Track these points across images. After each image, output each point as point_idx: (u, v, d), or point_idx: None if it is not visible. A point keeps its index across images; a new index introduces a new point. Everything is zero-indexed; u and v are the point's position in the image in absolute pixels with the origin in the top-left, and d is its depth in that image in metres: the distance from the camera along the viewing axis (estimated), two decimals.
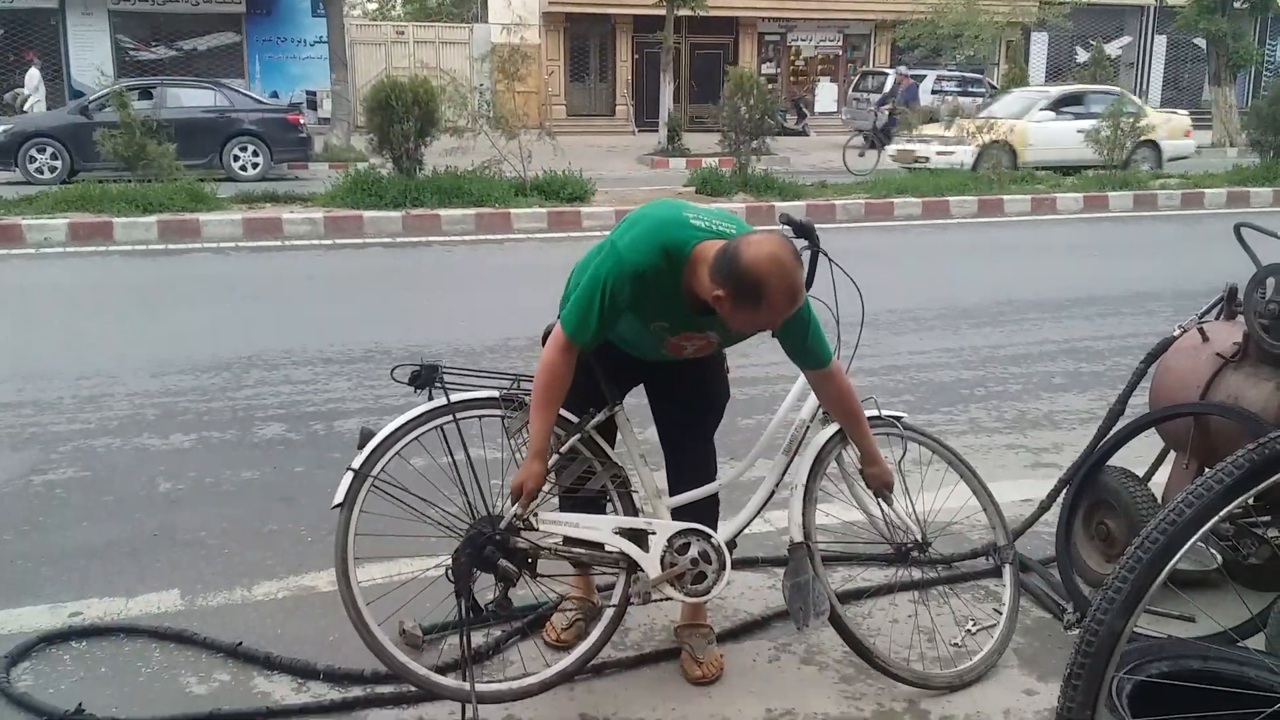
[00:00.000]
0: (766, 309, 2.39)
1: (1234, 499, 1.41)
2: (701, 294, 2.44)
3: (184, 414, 5.10)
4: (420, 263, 9.77)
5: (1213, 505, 1.42)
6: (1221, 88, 23.01)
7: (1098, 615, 1.48)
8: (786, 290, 2.37)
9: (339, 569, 2.65)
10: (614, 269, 2.47)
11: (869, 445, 2.85)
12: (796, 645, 3.01)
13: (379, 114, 11.67)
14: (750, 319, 2.45)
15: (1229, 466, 1.44)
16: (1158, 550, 1.43)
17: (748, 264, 2.33)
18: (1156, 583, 1.43)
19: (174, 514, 3.96)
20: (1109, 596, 1.46)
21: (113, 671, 2.87)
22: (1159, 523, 1.43)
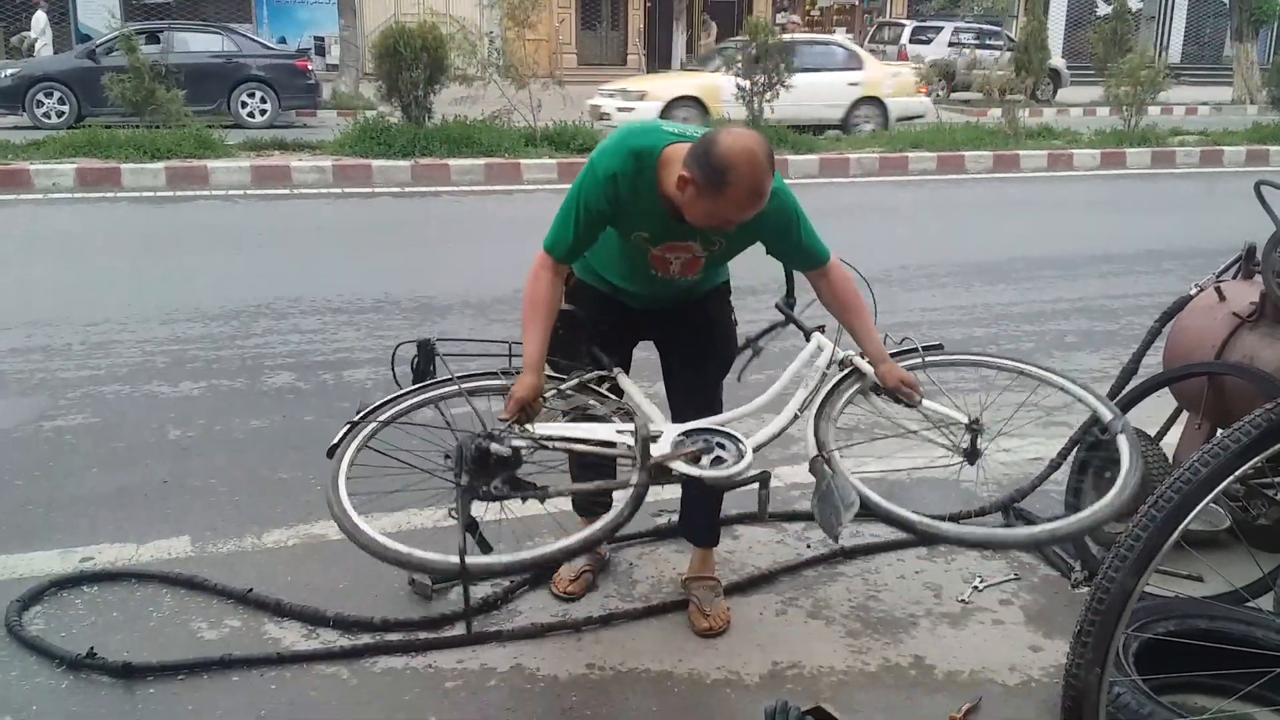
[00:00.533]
0: (728, 201, 2.34)
1: (1249, 459, 1.40)
2: (671, 191, 2.43)
3: (193, 362, 5.10)
4: (429, 213, 9.72)
5: (1228, 465, 1.41)
6: (1243, 44, 22.63)
7: (1109, 573, 1.47)
8: (751, 184, 2.33)
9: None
10: (586, 177, 2.52)
11: (876, 345, 2.77)
12: (803, 599, 3.02)
13: (387, 61, 11.55)
14: (709, 209, 2.38)
15: (1245, 426, 1.43)
16: (1171, 509, 1.42)
17: (722, 149, 2.33)
18: (1169, 542, 1.43)
19: (184, 461, 3.97)
20: (1121, 554, 1.46)
21: (124, 616, 2.90)
22: (1173, 482, 1.42)
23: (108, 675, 2.61)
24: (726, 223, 2.43)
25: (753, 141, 2.36)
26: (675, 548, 3.29)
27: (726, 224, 2.44)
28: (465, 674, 2.66)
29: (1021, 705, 2.57)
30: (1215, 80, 26.54)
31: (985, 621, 2.94)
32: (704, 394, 2.91)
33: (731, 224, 2.44)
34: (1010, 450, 3.04)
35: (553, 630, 2.83)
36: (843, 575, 3.12)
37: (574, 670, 2.68)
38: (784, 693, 2.55)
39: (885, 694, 2.61)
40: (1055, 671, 2.66)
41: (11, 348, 5.22)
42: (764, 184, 2.36)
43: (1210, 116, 19.76)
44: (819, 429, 2.71)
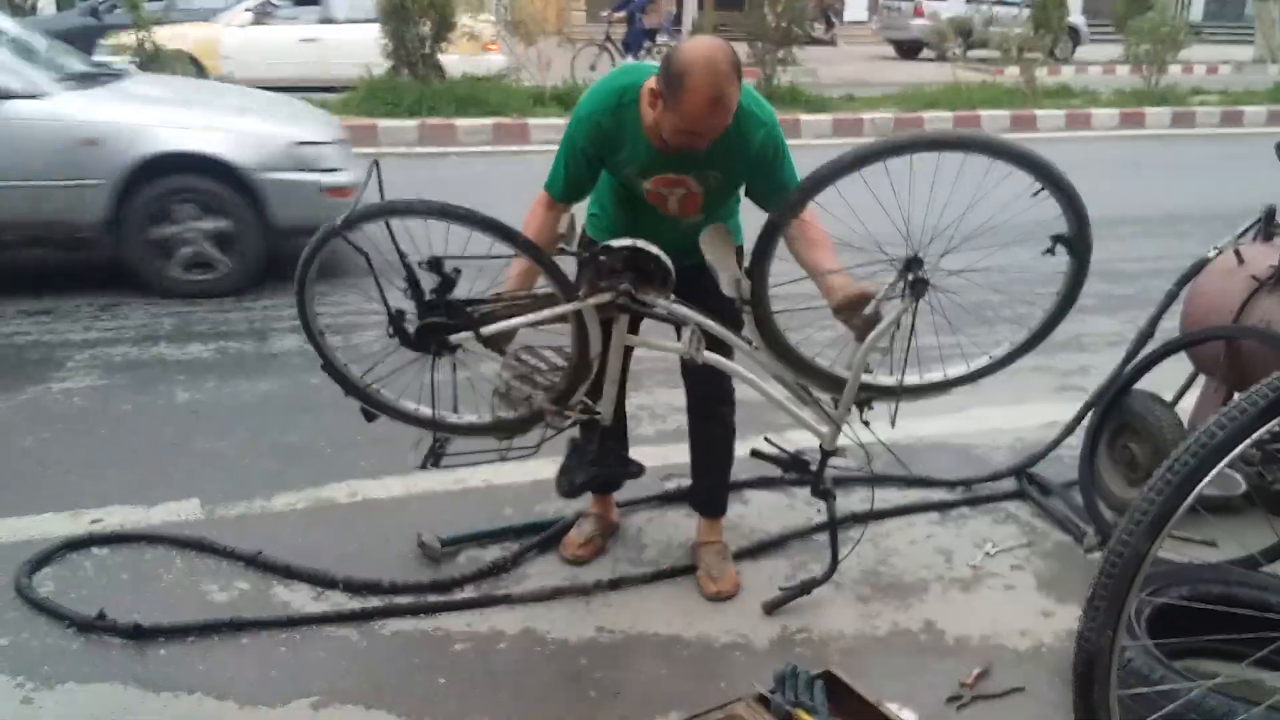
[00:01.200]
0: (688, 107, 2.29)
1: (1268, 422, 1.38)
2: (649, 117, 2.43)
3: (200, 324, 5.09)
4: (436, 174, 9.64)
5: (1244, 429, 1.39)
6: (1264, 2, 22.22)
7: (1122, 537, 1.45)
8: (709, 88, 2.27)
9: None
10: (574, 119, 2.58)
11: (842, 273, 2.62)
12: (813, 565, 3.00)
13: (393, 18, 11.42)
14: (674, 121, 2.34)
15: (1263, 389, 1.40)
16: (1186, 473, 1.40)
17: (680, 54, 2.32)
18: (1183, 506, 1.40)
19: (193, 424, 3.97)
20: (1135, 519, 1.43)
21: (134, 578, 2.91)
22: (1189, 445, 1.40)
23: (118, 637, 2.62)
24: (695, 136, 2.37)
25: (712, 47, 2.33)
26: (685, 512, 3.28)
27: (695, 138, 2.37)
28: (474, 637, 2.66)
29: (1032, 670, 2.56)
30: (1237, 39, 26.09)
31: (996, 587, 2.93)
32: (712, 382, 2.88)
33: (700, 137, 2.37)
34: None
35: (562, 594, 2.83)
36: (853, 540, 3.11)
37: (583, 634, 2.68)
38: (793, 657, 2.54)
39: (895, 659, 2.61)
40: (1066, 636, 2.65)
41: (19, 309, 5.22)
42: (723, 88, 2.29)
43: (1231, 75, 19.44)
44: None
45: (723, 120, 2.35)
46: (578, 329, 2.61)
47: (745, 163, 2.55)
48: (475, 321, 2.60)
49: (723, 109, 2.32)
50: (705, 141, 2.40)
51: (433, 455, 2.79)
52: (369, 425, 3.65)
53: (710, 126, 2.35)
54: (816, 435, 2.72)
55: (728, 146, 2.48)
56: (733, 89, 2.32)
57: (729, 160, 2.53)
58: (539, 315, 2.61)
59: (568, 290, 2.56)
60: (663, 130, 2.40)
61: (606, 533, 3.11)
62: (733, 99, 2.33)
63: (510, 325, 2.63)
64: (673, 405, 4.13)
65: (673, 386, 4.19)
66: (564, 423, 2.73)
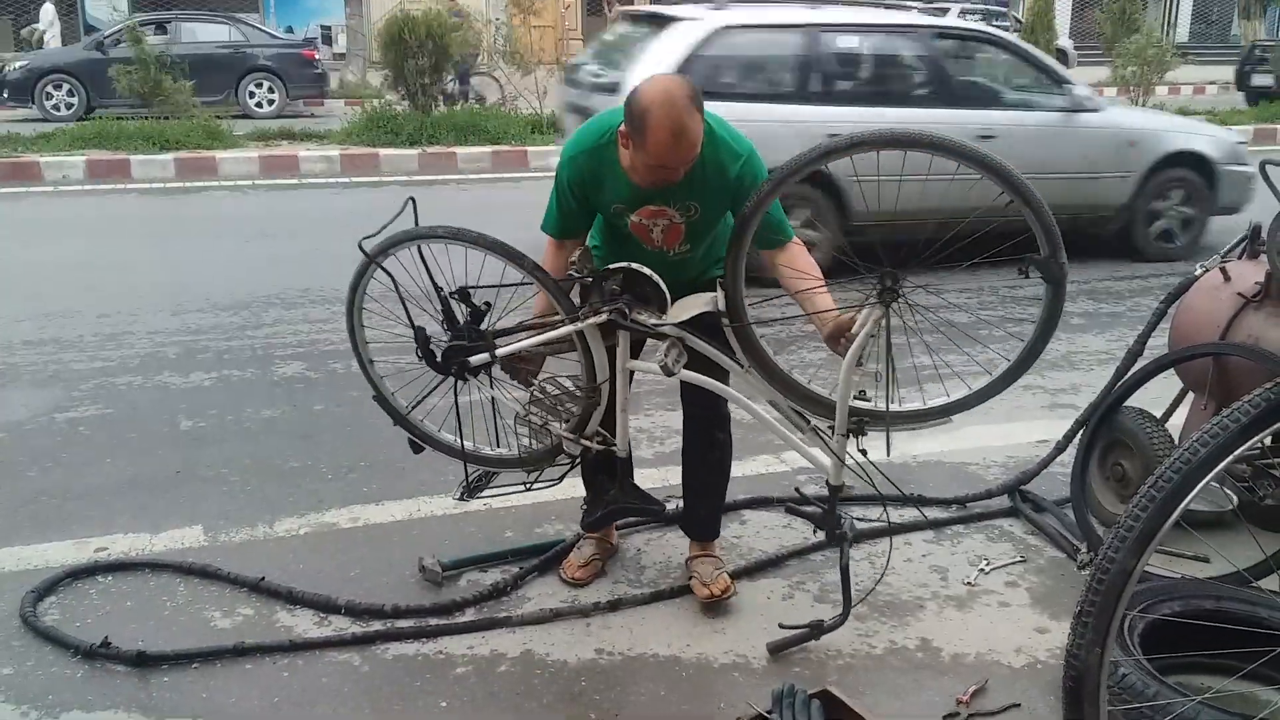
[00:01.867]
0: (652, 144, 2.37)
1: (1250, 438, 1.40)
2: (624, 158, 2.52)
3: (204, 352, 5.13)
4: (437, 201, 9.71)
5: (1228, 444, 1.41)
6: (1251, 21, 22.43)
7: (1109, 553, 1.48)
8: (669, 123, 2.34)
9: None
10: (560, 160, 2.70)
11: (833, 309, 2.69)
12: (810, 584, 3.04)
13: (393, 49, 11.55)
14: (643, 158, 2.43)
15: (1245, 405, 1.43)
16: (1171, 489, 1.42)
17: (639, 93, 2.40)
18: (1169, 522, 1.43)
19: (196, 451, 4.00)
20: (1120, 535, 1.46)
21: (138, 606, 2.93)
22: (1173, 461, 1.42)
23: (122, 664, 2.64)
24: (666, 170, 2.43)
25: (668, 84, 2.41)
26: (683, 533, 3.31)
27: (668, 172, 2.44)
28: (475, 660, 2.69)
29: (1028, 687, 2.58)
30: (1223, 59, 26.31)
31: (991, 604, 2.95)
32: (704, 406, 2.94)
33: (672, 171, 2.44)
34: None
35: (562, 616, 2.86)
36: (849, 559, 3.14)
37: (583, 655, 2.70)
38: (791, 676, 2.57)
39: (892, 676, 2.63)
40: (1061, 653, 2.66)
41: (24, 340, 5.27)
42: (683, 121, 2.35)
43: (1218, 96, 19.61)
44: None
45: (688, 153, 2.41)
46: (584, 352, 2.74)
47: (725, 193, 2.60)
48: (491, 343, 2.77)
49: (686, 142, 2.38)
50: (678, 175, 2.47)
51: (467, 489, 2.96)
52: (369, 450, 3.71)
53: (677, 159, 2.42)
54: (820, 470, 2.78)
55: (704, 177, 2.55)
56: (693, 121, 2.38)
57: (706, 191, 2.59)
58: (544, 336, 2.75)
59: (571, 312, 2.70)
60: (636, 170, 2.50)
61: (606, 555, 3.15)
62: (695, 131, 2.39)
63: (519, 346, 2.78)
64: (671, 428, 4.17)
65: (671, 409, 4.25)
66: (582, 451, 2.85)
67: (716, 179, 2.57)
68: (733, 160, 2.57)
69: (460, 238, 2.80)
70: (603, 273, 2.69)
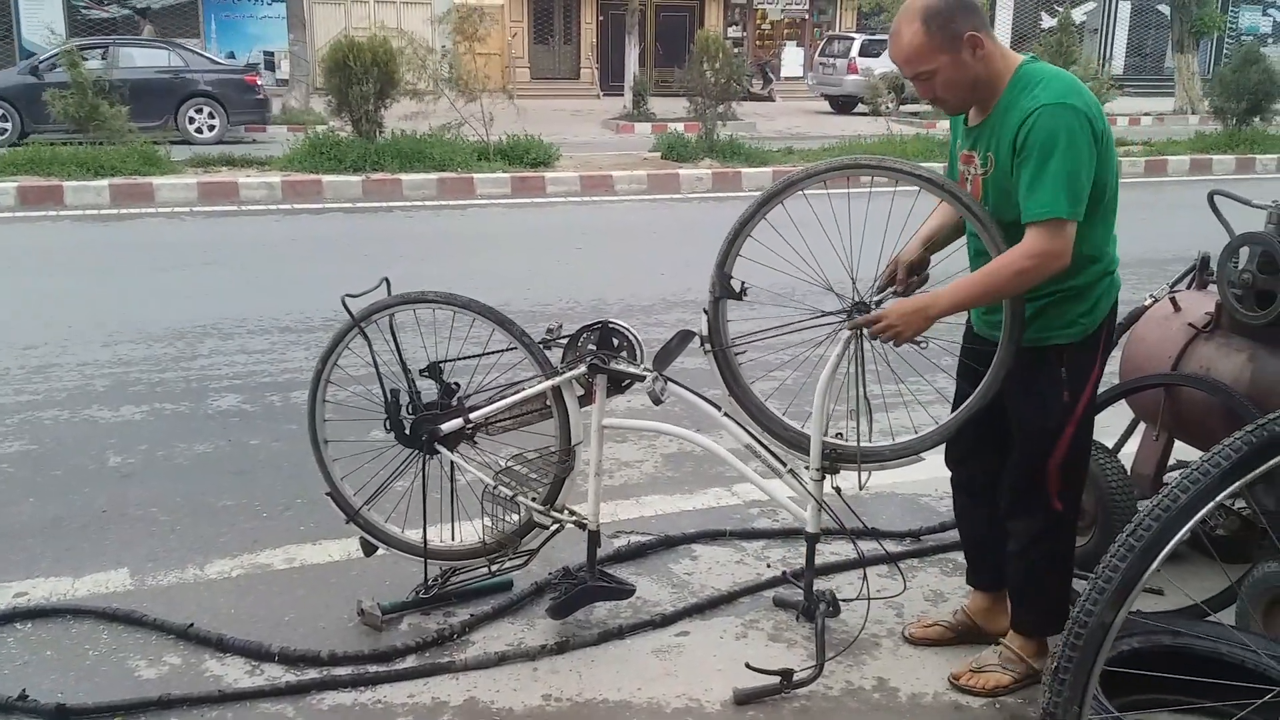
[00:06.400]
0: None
1: (1230, 484, 1.33)
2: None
3: (135, 385, 4.95)
4: (381, 228, 9.58)
5: (1208, 491, 1.34)
6: (1184, 55, 23.06)
7: (1087, 607, 1.40)
8: (895, 22, 2.36)
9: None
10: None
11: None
12: (764, 622, 2.96)
13: (337, 75, 11.40)
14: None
15: (1225, 450, 1.36)
16: (1151, 538, 1.35)
17: None
18: (1148, 572, 1.36)
19: (124, 489, 3.83)
20: (1099, 587, 1.39)
21: (59, 655, 2.77)
22: (1152, 509, 1.36)
23: (41, 718, 2.49)
24: (908, 76, 2.39)
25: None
26: (632, 570, 3.22)
27: (914, 81, 2.39)
28: (416, 709, 2.56)
29: None
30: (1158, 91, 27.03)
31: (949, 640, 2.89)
32: (1008, 476, 2.62)
33: (915, 81, 2.38)
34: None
35: (507, 660, 2.75)
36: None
37: (529, 702, 2.59)
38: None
39: (849, 718, 2.56)
40: (1022, 691, 2.62)
41: None
42: (899, 22, 2.35)
43: (1153, 126, 20.10)
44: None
45: (898, 56, 2.37)
46: (559, 412, 2.79)
47: (1008, 145, 2.35)
48: (463, 408, 2.83)
49: (896, 45, 2.36)
50: (923, 88, 2.39)
51: (427, 589, 2.98)
52: (306, 487, 3.58)
53: (897, 59, 2.39)
54: (798, 519, 2.78)
55: (1002, 124, 2.37)
56: (907, 26, 2.33)
57: (998, 144, 2.38)
58: (520, 396, 2.81)
59: (549, 370, 2.77)
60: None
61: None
62: (905, 36, 2.33)
63: (495, 409, 2.84)
64: (619, 460, 4.09)
65: (619, 441, 4.17)
66: (553, 526, 2.87)
67: (1006, 132, 2.34)
68: (1022, 115, 2.30)
69: (452, 303, 2.84)
70: (581, 328, 2.80)
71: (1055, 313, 2.45)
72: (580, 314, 6.09)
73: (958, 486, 2.85)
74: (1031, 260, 2.29)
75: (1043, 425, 2.50)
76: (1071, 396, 2.46)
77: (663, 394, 2.71)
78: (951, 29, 2.30)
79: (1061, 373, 2.46)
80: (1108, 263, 2.45)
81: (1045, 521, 2.54)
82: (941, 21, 2.30)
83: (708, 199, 11.38)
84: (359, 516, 3.00)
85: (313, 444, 3.01)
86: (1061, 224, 2.26)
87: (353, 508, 2.99)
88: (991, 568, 2.79)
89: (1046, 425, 2.49)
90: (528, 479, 2.90)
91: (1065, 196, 2.24)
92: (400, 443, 2.89)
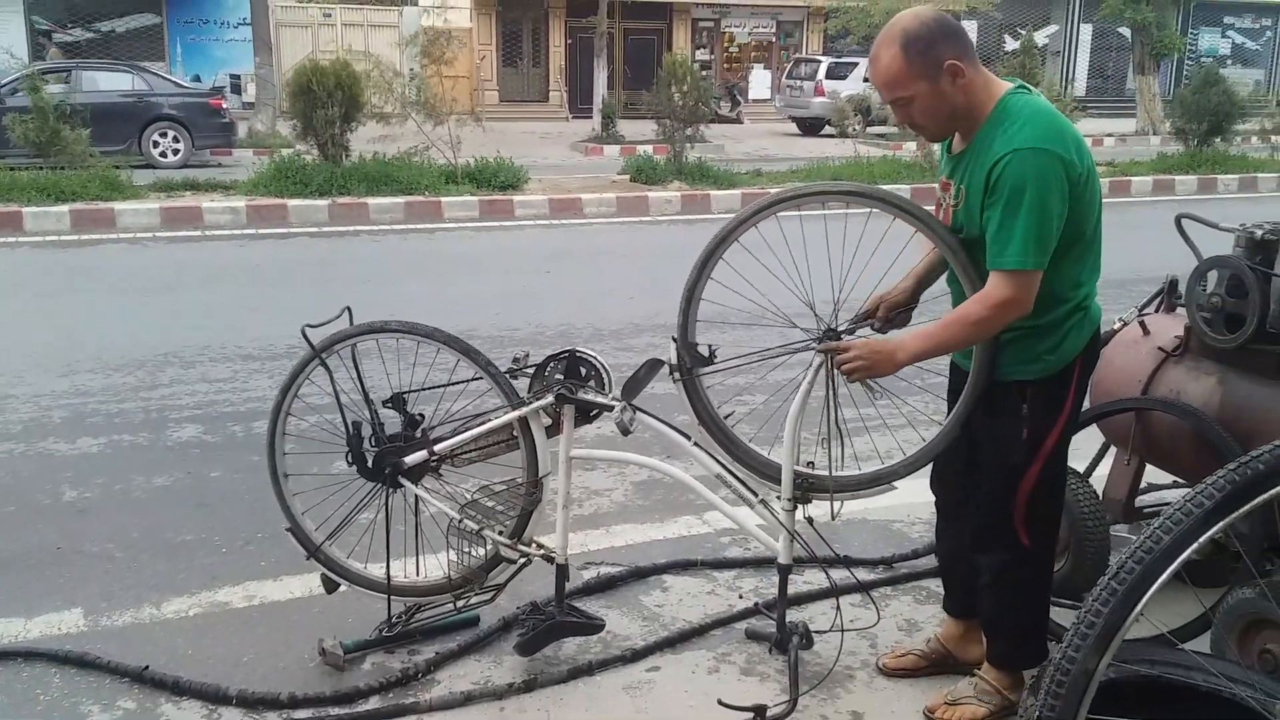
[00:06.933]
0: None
1: (1214, 524, 1.29)
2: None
3: (93, 416, 4.84)
4: (347, 253, 9.49)
5: (1192, 532, 1.30)
6: (1145, 76, 23.40)
7: (1069, 653, 1.35)
8: (876, 43, 2.32)
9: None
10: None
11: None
12: (736, 655, 2.91)
13: (301, 99, 11.31)
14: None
15: (1208, 489, 1.32)
16: (1134, 581, 1.31)
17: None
18: (1132, 617, 1.31)
19: (80, 524, 3.73)
20: (1081, 633, 1.34)
21: (9, 700, 2.67)
22: (1134, 552, 1.31)
23: None
24: (886, 99, 2.37)
25: (907, 13, 2.33)
26: (602, 602, 3.16)
27: (892, 106, 2.37)
28: None
29: None
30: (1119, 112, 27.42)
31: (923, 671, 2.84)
32: (975, 509, 2.58)
33: (893, 105, 2.36)
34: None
35: (474, 699, 2.67)
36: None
37: None
38: None
39: None
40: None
41: None
42: (878, 46, 2.31)
43: (1116, 147, 20.35)
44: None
45: (875, 76, 2.34)
46: (526, 444, 2.75)
47: (980, 183, 2.31)
48: (428, 440, 2.78)
49: (875, 63, 2.32)
50: (901, 113, 2.37)
51: (390, 626, 2.91)
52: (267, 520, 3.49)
53: (876, 82, 2.36)
54: (769, 549, 2.75)
55: (977, 158, 2.34)
56: (885, 51, 2.29)
57: (973, 173, 2.35)
58: (486, 427, 2.77)
59: (515, 400, 2.73)
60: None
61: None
62: (882, 60, 2.29)
63: (460, 440, 2.79)
64: (589, 488, 4.03)
65: (588, 469, 4.11)
66: (520, 560, 2.82)
67: (980, 169, 2.30)
68: (995, 156, 2.26)
69: (415, 332, 2.78)
70: (548, 358, 2.75)
71: (1018, 348, 2.42)
72: (549, 338, 6.03)
73: (939, 510, 2.82)
74: (991, 310, 2.30)
75: (1004, 460, 2.47)
76: (1033, 434, 2.42)
77: (631, 424, 2.67)
78: (931, 56, 2.27)
79: (1023, 409, 2.42)
80: (1080, 299, 2.42)
81: (1012, 556, 2.50)
82: (921, 47, 2.27)
83: (677, 221, 11.37)
84: (320, 552, 2.92)
85: (272, 478, 2.93)
86: (1025, 274, 2.25)
87: (313, 543, 2.92)
88: (964, 595, 2.75)
89: (1009, 460, 2.46)
90: (494, 512, 2.84)
91: (1032, 248, 2.23)
92: (363, 476, 2.82)
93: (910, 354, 2.39)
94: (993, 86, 2.36)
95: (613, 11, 21.98)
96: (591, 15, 21.12)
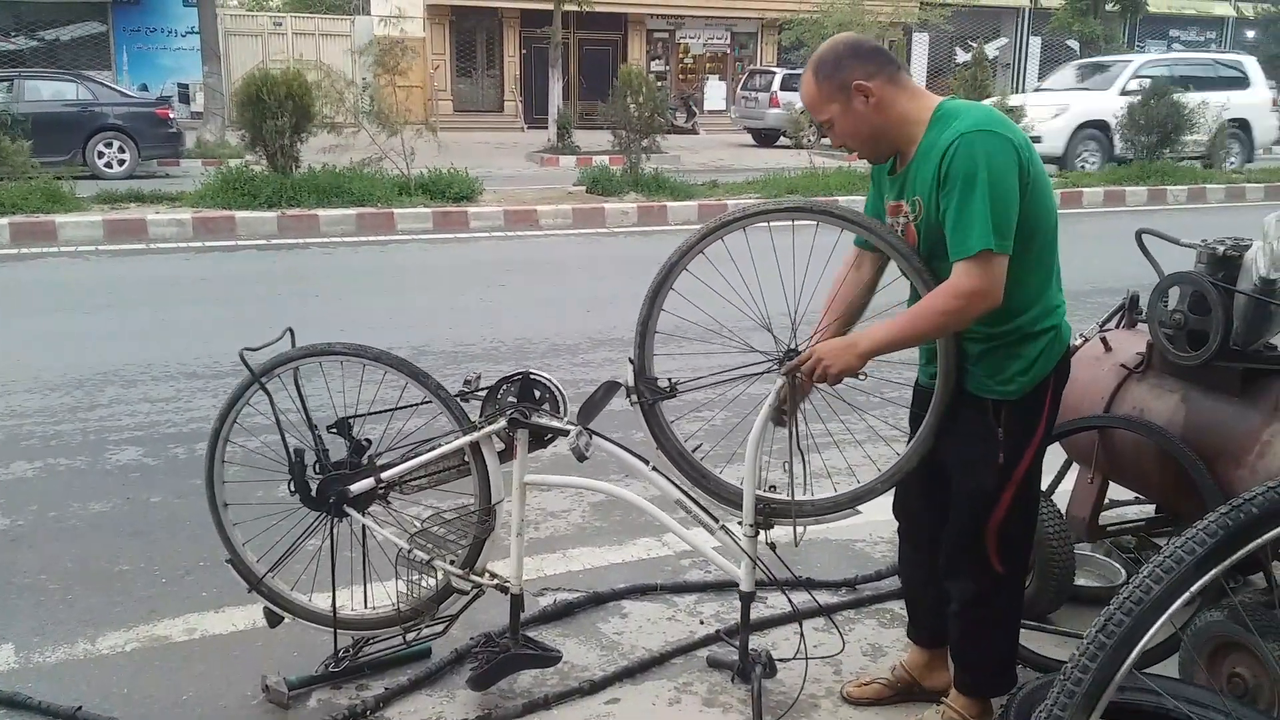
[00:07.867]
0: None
1: (1206, 572, 1.21)
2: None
3: (28, 439, 4.65)
4: (297, 266, 9.30)
5: (1183, 581, 1.22)
6: None
7: (1055, 712, 1.25)
8: (811, 60, 2.33)
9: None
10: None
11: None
12: (698, 684, 2.82)
13: (250, 109, 11.10)
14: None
15: (1200, 535, 1.23)
16: (1122, 635, 1.22)
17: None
18: (1121, 672, 1.23)
19: (11, 555, 3.56)
20: (1067, 689, 1.24)
21: None
22: (1122, 602, 1.23)
23: None
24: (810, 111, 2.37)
25: (833, 39, 2.36)
26: (560, 631, 3.06)
27: (830, 133, 2.37)
28: None
29: None
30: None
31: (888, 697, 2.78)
32: (947, 535, 2.50)
33: (828, 129, 2.35)
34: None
35: None
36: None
37: None
38: None
39: None
40: None
41: None
42: (808, 69, 2.32)
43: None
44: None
45: (804, 97, 2.35)
46: (479, 468, 2.66)
47: (931, 182, 2.25)
48: (374, 467, 2.68)
49: (803, 84, 2.33)
50: (830, 135, 2.38)
51: (337, 660, 2.80)
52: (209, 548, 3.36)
53: (806, 105, 2.37)
54: (730, 574, 2.66)
55: (920, 163, 2.29)
56: (805, 74, 2.32)
57: (921, 179, 2.28)
58: (436, 453, 2.67)
59: (467, 424, 2.64)
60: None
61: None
62: (803, 83, 2.33)
63: (408, 468, 2.70)
64: (546, 510, 3.93)
65: (544, 490, 4.00)
66: (473, 591, 2.73)
67: (929, 170, 2.25)
68: (942, 148, 2.20)
69: (361, 355, 2.68)
70: (501, 380, 2.66)
71: (989, 364, 2.35)
72: (504, 353, 5.92)
73: (903, 536, 2.75)
74: (959, 299, 2.19)
75: (979, 486, 2.40)
76: (1009, 458, 2.36)
77: (588, 449, 2.58)
78: (838, 79, 2.28)
79: (999, 433, 2.36)
80: (1047, 313, 2.35)
81: (985, 582, 2.44)
82: (828, 71, 2.29)
83: (634, 233, 11.30)
84: (262, 585, 2.79)
85: (211, 507, 2.80)
86: (989, 257, 2.16)
87: (255, 575, 2.79)
88: (930, 623, 2.69)
89: (984, 486, 2.39)
90: (445, 540, 2.73)
91: (993, 230, 2.14)
92: (306, 505, 2.70)
93: (874, 342, 2.33)
94: (922, 99, 2.33)
95: (567, 22, 21.92)
96: (546, 25, 21.03)
